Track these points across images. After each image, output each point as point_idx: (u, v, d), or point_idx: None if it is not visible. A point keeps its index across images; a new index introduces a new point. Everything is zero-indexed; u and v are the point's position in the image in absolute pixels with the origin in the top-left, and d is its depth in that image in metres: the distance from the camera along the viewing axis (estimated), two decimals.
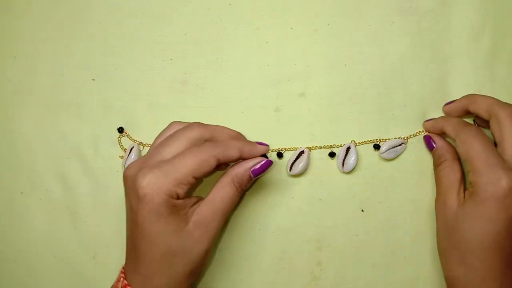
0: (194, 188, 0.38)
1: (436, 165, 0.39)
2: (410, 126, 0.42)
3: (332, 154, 0.41)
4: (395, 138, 0.41)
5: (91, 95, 0.44)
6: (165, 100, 0.44)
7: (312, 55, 0.43)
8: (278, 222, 0.42)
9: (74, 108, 0.44)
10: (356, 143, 0.41)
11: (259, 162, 0.36)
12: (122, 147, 0.44)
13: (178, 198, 0.33)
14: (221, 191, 0.35)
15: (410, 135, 0.41)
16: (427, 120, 0.41)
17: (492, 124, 0.36)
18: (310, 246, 0.42)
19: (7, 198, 0.44)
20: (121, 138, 0.44)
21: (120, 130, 0.44)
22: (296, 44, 0.43)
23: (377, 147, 0.41)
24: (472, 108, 0.38)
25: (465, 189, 0.36)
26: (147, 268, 0.34)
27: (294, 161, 0.41)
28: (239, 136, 0.39)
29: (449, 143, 0.39)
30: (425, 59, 0.42)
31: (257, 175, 0.36)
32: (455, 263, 0.35)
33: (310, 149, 0.42)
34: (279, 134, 0.42)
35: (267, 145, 0.38)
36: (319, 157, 0.42)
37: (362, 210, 0.42)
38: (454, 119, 0.39)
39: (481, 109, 0.37)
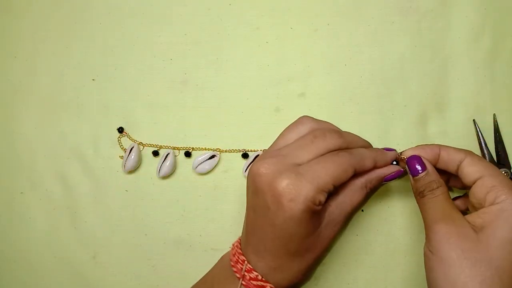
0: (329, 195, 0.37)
1: (429, 191, 0.35)
2: (410, 126, 0.42)
3: None
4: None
5: (91, 95, 0.44)
6: (165, 100, 0.44)
7: (312, 55, 0.43)
8: None
9: (74, 108, 0.44)
10: None
11: (393, 172, 0.36)
12: (122, 147, 0.44)
13: (319, 204, 0.32)
14: (353, 194, 0.35)
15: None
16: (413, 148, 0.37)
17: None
18: None
19: (7, 198, 0.44)
20: (121, 138, 0.44)
21: (120, 130, 0.44)
22: (296, 44, 0.43)
23: None
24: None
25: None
26: (276, 261, 0.34)
27: None
28: (369, 145, 0.38)
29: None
30: (425, 59, 0.42)
31: (387, 181, 0.37)
32: None
33: None
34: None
35: (395, 150, 0.37)
36: None
37: (362, 210, 0.42)
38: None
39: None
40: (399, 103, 0.42)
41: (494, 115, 0.41)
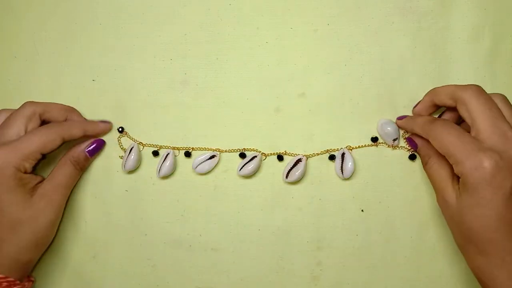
0: (38, 163, 0.40)
1: (424, 164, 0.39)
2: None
3: (332, 157, 0.42)
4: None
5: (91, 95, 0.44)
6: (165, 100, 0.44)
7: (312, 55, 0.43)
8: (278, 222, 0.42)
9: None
10: (351, 148, 0.41)
11: (92, 143, 0.42)
12: (122, 147, 0.44)
13: (25, 172, 0.38)
14: (61, 169, 0.41)
15: (378, 143, 0.41)
16: (399, 118, 0.41)
17: (460, 109, 0.36)
18: (310, 246, 0.42)
19: None
20: (121, 138, 0.44)
21: (120, 130, 0.44)
22: (296, 44, 0.43)
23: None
24: (437, 101, 0.38)
25: (458, 181, 0.35)
26: None
27: (291, 168, 0.41)
28: (72, 109, 0.43)
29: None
30: (425, 59, 0.42)
31: (94, 154, 0.42)
32: (472, 254, 0.34)
33: (307, 157, 0.42)
34: (279, 134, 0.42)
35: (110, 123, 0.43)
36: (318, 159, 0.42)
37: (362, 210, 0.42)
38: (419, 119, 0.39)
39: (445, 99, 0.37)
40: (399, 103, 0.42)
41: None
